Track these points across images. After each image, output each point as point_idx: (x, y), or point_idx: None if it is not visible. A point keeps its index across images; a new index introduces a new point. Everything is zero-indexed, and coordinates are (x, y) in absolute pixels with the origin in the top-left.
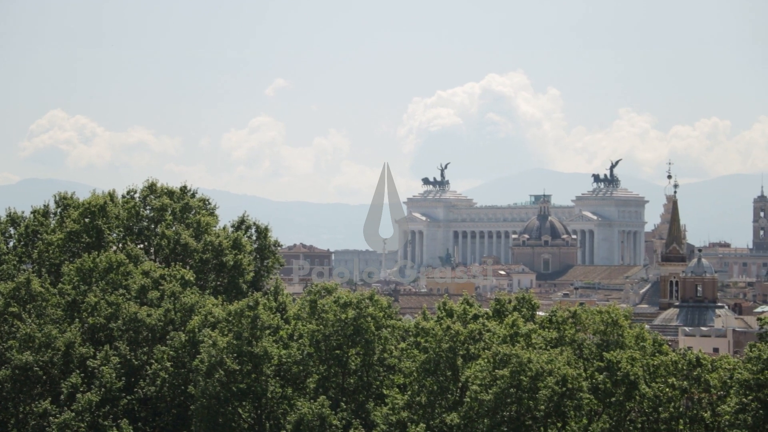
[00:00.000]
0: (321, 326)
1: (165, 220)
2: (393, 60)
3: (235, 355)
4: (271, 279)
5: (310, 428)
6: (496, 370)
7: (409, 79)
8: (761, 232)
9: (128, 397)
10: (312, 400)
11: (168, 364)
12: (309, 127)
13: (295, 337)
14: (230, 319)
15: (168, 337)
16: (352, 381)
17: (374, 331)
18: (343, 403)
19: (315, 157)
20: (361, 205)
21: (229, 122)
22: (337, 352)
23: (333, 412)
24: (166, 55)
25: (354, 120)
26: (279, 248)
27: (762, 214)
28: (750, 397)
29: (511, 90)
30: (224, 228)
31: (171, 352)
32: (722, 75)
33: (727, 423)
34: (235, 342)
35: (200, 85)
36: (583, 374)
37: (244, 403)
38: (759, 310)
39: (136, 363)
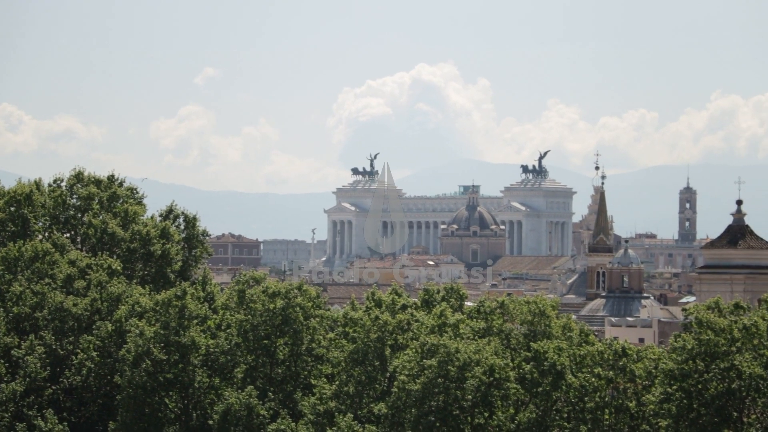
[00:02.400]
0: (249, 316)
1: (92, 209)
2: (323, 49)
3: (162, 344)
4: (199, 269)
5: (237, 418)
6: (424, 360)
7: (338, 69)
8: (687, 224)
9: (53, 387)
10: (239, 390)
11: (94, 353)
12: (238, 116)
13: (223, 327)
14: (158, 308)
15: (94, 326)
16: (280, 371)
17: (302, 321)
18: (270, 393)
19: (244, 147)
20: (290, 194)
21: (157, 111)
22: (265, 342)
23: (260, 402)
24: (95, 43)
25: (283, 109)
26: (207, 238)
27: (688, 205)
28: (674, 387)
29: (441, 80)
30: (152, 217)
31: (97, 342)
32: (650, 67)
33: (651, 412)
34: (162, 332)
35: (129, 73)
36: (511, 364)
37: (171, 392)
38: (684, 300)
39: (62, 353)
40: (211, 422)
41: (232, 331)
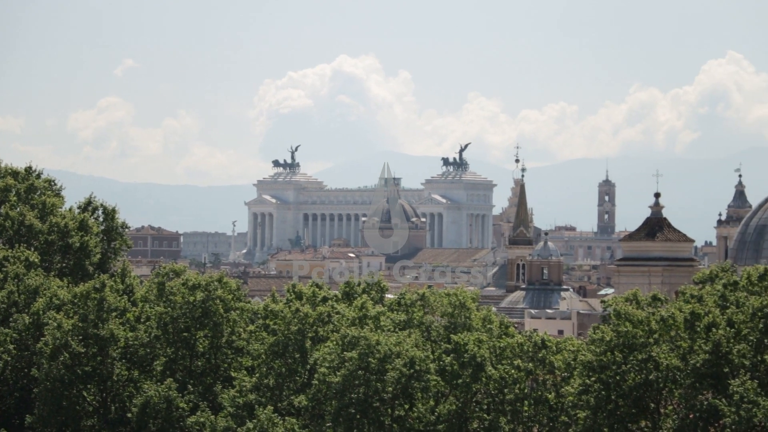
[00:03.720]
0: (169, 308)
1: (9, 201)
2: (244, 41)
3: (80, 337)
4: (118, 261)
5: (156, 411)
6: (345, 353)
7: (260, 60)
8: (606, 216)
9: None
10: (159, 383)
11: (11, 346)
12: (158, 108)
13: (142, 320)
14: (76, 301)
15: (11, 319)
16: (199, 363)
17: (223, 313)
18: (190, 386)
19: (164, 138)
20: (210, 187)
21: (76, 102)
22: (185, 334)
23: (180, 395)
24: (13, 33)
25: (204, 101)
26: (126, 230)
27: (606, 198)
28: (593, 379)
29: (363, 72)
30: (70, 209)
31: (14, 335)
32: (570, 60)
33: (570, 404)
34: (80, 324)
35: (47, 64)
36: (431, 356)
37: (89, 385)
38: (603, 292)
39: None
40: (129, 415)
41: (151, 324)
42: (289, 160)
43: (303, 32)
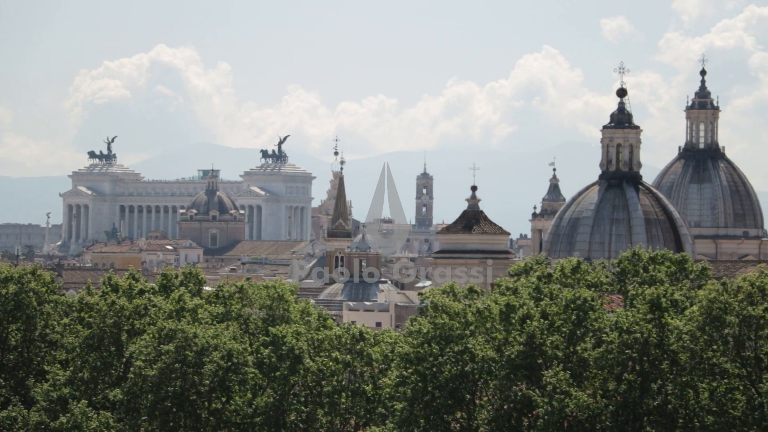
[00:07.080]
0: None
1: None
2: (59, 29)
3: None
4: None
5: None
6: (162, 346)
7: (75, 50)
8: (423, 209)
9: None
10: None
11: None
12: None
13: None
14: None
15: None
16: (11, 357)
17: (36, 306)
18: (1, 380)
19: None
20: (23, 178)
21: None
22: None
23: None
24: None
25: (17, 91)
26: None
27: (424, 191)
28: (410, 370)
29: (182, 63)
30: None
31: None
32: (389, 54)
33: (387, 396)
34: None
35: None
36: (249, 349)
37: None
38: (420, 285)
39: None
40: None
41: None
42: (105, 152)
43: (119, 21)
